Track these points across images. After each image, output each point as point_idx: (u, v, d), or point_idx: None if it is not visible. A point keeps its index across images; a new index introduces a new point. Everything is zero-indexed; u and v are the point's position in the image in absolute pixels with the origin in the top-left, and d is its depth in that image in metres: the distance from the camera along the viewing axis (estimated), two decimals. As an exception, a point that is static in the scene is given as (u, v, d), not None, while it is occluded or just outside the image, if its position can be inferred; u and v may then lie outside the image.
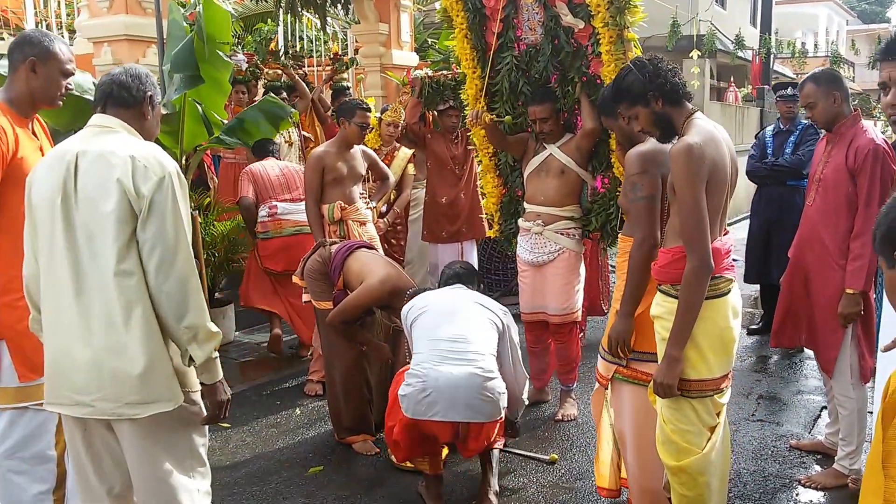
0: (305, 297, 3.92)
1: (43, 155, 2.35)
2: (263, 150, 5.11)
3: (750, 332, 5.62)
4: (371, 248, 3.89)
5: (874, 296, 3.22)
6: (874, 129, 3.18)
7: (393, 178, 5.01)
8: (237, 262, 5.27)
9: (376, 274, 3.46)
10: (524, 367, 3.29)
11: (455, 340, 2.98)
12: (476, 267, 5.80)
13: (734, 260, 2.54)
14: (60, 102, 2.45)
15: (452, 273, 3.41)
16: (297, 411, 4.23)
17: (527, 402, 3.40)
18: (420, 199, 5.78)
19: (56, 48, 2.37)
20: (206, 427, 2.22)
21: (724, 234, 2.50)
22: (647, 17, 3.57)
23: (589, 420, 3.79)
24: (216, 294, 5.41)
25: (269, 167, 4.99)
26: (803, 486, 3.29)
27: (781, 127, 5.29)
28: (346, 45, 8.72)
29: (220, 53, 4.05)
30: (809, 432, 3.91)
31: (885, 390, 1.27)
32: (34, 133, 2.49)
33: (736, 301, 2.48)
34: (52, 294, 2.03)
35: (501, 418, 3.01)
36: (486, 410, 2.90)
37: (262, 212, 4.87)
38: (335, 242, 3.81)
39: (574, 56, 3.73)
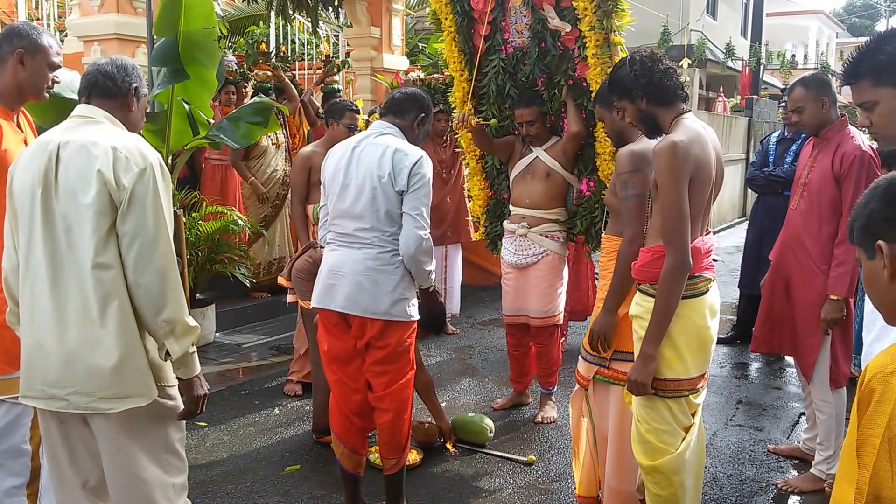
0: (291, 298, 3.90)
1: None
2: None
3: (718, 342, 5.50)
4: None
5: (854, 301, 3.24)
6: (861, 135, 3.16)
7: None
8: (220, 263, 5.26)
9: None
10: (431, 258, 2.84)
11: (342, 223, 2.80)
12: (460, 272, 5.83)
13: (714, 260, 2.56)
14: (47, 94, 2.45)
15: (387, 101, 3.01)
16: (276, 411, 4.21)
17: (433, 281, 2.89)
18: (407, 203, 5.77)
19: (44, 41, 2.37)
20: (184, 422, 2.20)
21: (706, 234, 2.51)
22: (638, 26, 3.59)
23: (568, 423, 3.79)
24: (197, 294, 5.40)
25: None
26: (780, 490, 3.31)
27: (786, 134, 5.13)
28: (338, 48, 8.74)
29: (207, 43, 4.01)
30: (788, 437, 3.94)
31: (860, 380, 1.28)
32: (19, 126, 2.48)
33: (714, 301, 2.49)
34: (29, 286, 2.02)
35: (391, 321, 2.72)
36: (363, 303, 2.71)
37: None
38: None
39: (561, 59, 3.75)
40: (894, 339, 1.82)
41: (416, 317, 2.83)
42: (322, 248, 3.67)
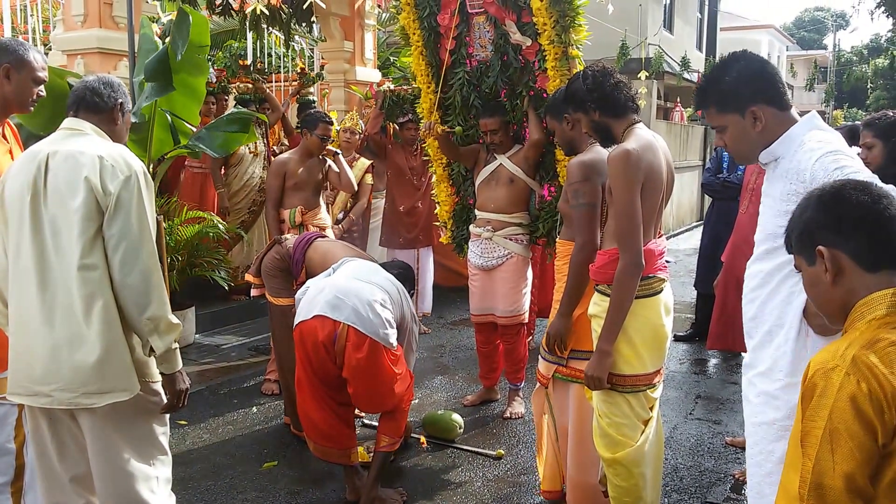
0: (256, 292, 3.99)
1: (12, 158, 2.44)
2: None
3: (677, 339, 5.68)
4: (325, 236, 3.96)
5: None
6: None
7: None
8: (199, 267, 5.35)
9: (340, 258, 3.46)
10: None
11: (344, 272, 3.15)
12: (432, 273, 5.99)
13: (667, 262, 2.68)
14: (31, 108, 2.51)
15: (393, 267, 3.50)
16: (254, 409, 4.29)
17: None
18: (381, 209, 5.93)
19: (30, 56, 2.43)
20: (167, 416, 2.29)
21: (659, 237, 2.63)
22: (598, 40, 3.76)
23: (535, 418, 3.94)
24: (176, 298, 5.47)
25: None
26: (738, 480, 3.42)
27: None
28: (313, 61, 8.86)
29: (198, 58, 4.11)
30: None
31: (804, 375, 1.36)
32: (4, 137, 2.54)
33: (668, 299, 2.60)
34: (18, 288, 2.10)
35: (370, 339, 2.90)
36: (345, 311, 2.92)
37: None
38: (288, 238, 3.85)
39: (522, 72, 3.93)
40: (779, 346, 1.97)
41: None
42: (286, 241, 3.80)
